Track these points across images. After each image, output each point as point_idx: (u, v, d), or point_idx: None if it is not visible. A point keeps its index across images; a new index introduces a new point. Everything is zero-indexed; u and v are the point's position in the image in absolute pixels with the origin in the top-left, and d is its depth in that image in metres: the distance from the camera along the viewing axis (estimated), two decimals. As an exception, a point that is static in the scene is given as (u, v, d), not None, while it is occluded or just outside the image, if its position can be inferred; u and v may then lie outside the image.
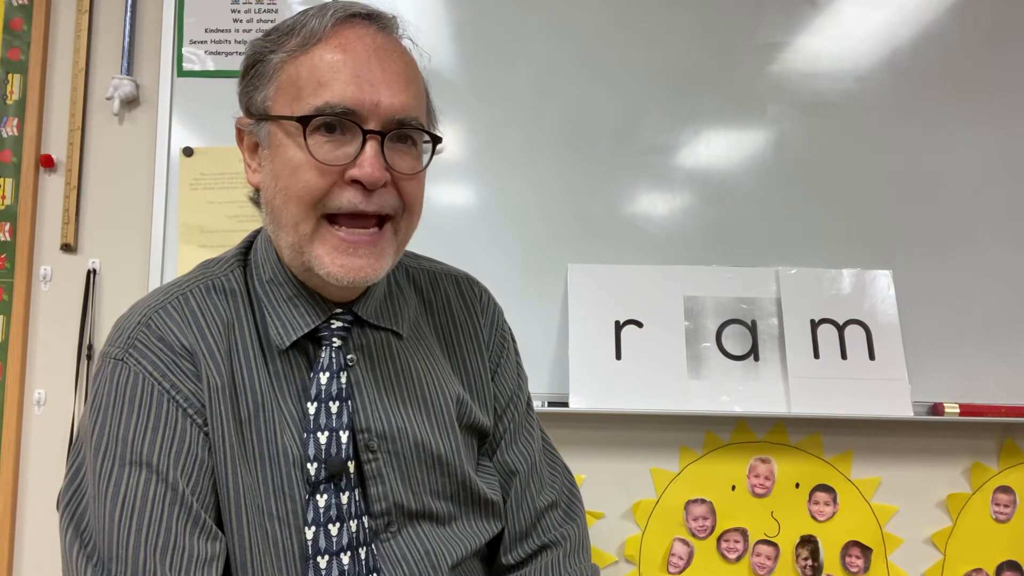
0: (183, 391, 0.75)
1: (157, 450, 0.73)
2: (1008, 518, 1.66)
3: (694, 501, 1.64)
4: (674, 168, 1.65)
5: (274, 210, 0.78)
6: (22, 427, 1.64)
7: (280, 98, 0.77)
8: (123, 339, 0.77)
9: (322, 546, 0.77)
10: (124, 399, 0.74)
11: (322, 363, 0.80)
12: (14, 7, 1.71)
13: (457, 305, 0.95)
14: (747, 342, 1.57)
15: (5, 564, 1.60)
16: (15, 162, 1.68)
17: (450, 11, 1.67)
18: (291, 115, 0.75)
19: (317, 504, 0.77)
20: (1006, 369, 1.60)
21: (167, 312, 0.78)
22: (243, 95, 0.82)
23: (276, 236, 0.80)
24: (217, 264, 0.85)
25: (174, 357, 0.76)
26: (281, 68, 0.77)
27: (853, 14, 1.68)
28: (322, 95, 0.74)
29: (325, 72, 0.75)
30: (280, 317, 0.81)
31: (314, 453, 0.78)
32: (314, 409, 0.79)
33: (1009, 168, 1.66)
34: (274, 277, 0.82)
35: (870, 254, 1.63)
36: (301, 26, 0.77)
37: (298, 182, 0.75)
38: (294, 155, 0.75)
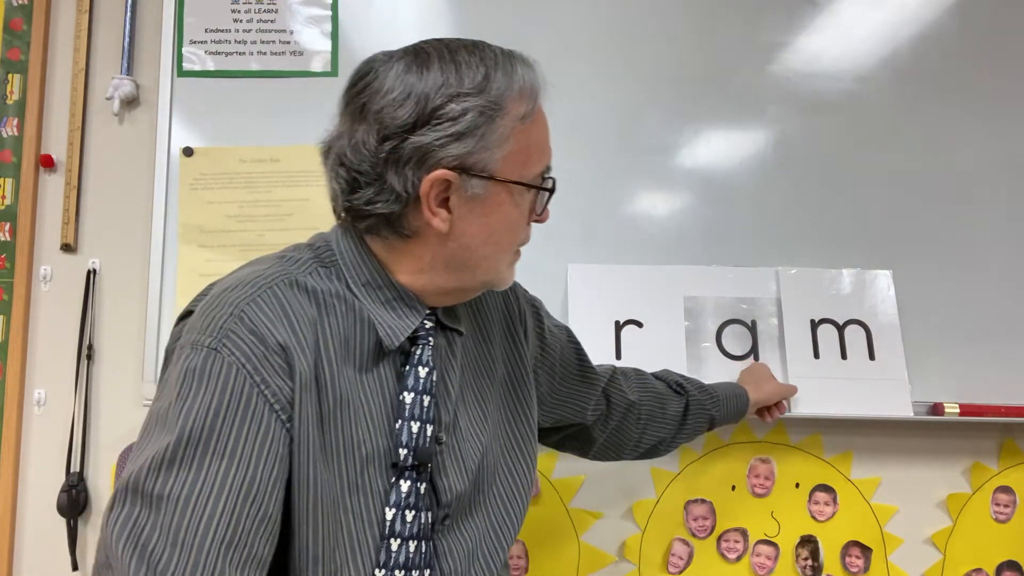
0: (272, 386, 0.76)
1: (242, 443, 0.73)
2: (1008, 518, 1.66)
3: (694, 501, 1.64)
4: (674, 168, 1.65)
5: (477, 256, 0.86)
6: (22, 427, 1.64)
7: (511, 161, 0.84)
8: (216, 328, 0.76)
9: (397, 529, 0.81)
10: (216, 388, 0.74)
11: (420, 359, 0.87)
12: (14, 7, 1.71)
13: (497, 312, 1.03)
14: (747, 342, 1.57)
15: (5, 564, 1.60)
16: (15, 162, 1.68)
17: (450, 11, 1.67)
18: (532, 183, 0.86)
19: (400, 489, 0.82)
20: (1006, 369, 1.60)
21: (258, 305, 0.78)
22: (446, 148, 0.81)
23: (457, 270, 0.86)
24: (295, 263, 0.85)
25: (266, 351, 0.76)
26: (513, 133, 0.83)
27: (853, 14, 1.68)
28: (543, 161, 0.88)
29: (543, 142, 0.88)
30: (384, 319, 0.85)
31: (406, 440, 0.83)
32: (410, 400, 0.84)
33: (1009, 168, 1.66)
34: (371, 281, 0.86)
35: (870, 254, 1.63)
36: (520, 89, 0.83)
37: (515, 237, 0.88)
38: (513, 212, 0.86)
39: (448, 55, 0.82)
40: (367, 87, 0.83)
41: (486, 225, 0.84)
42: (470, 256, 0.85)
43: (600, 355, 1.55)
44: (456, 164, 0.81)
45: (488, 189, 0.83)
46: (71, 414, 1.63)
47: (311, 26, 1.65)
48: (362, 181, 0.82)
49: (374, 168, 0.81)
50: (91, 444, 1.63)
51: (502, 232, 0.86)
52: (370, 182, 0.82)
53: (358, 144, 0.82)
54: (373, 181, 0.82)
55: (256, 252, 1.58)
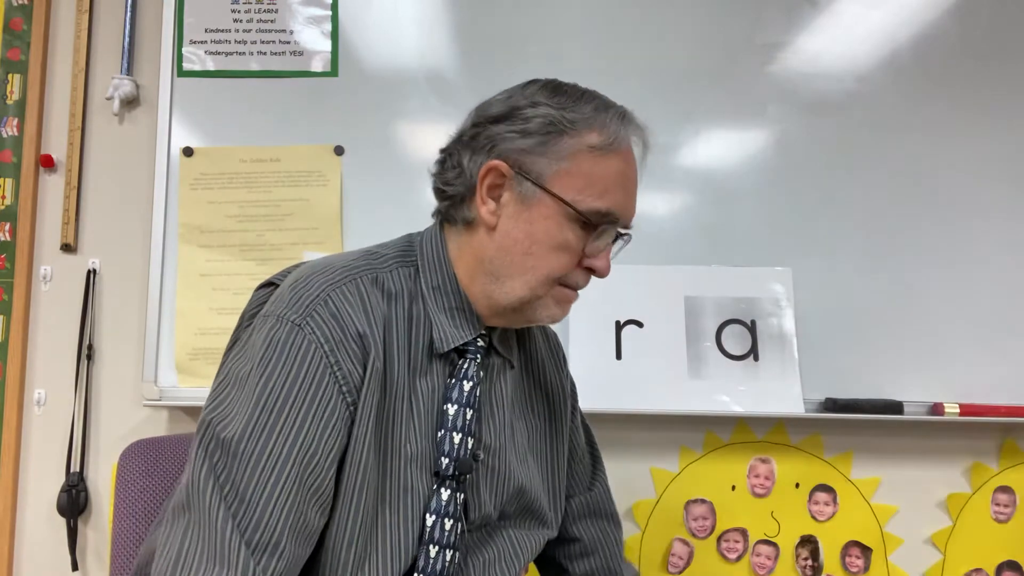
0: (344, 369, 0.80)
1: (311, 418, 0.77)
2: (1008, 518, 1.66)
3: (694, 501, 1.64)
4: (674, 168, 1.65)
5: (512, 262, 0.86)
6: (22, 427, 1.64)
7: (566, 179, 0.85)
8: (302, 306, 0.81)
9: (436, 536, 0.84)
10: (295, 362, 0.78)
11: (466, 372, 0.89)
12: (14, 7, 1.71)
13: (543, 352, 1.06)
14: (747, 342, 1.57)
15: (5, 564, 1.60)
16: (15, 162, 1.68)
17: (450, 11, 1.67)
18: (582, 207, 0.84)
19: (441, 496, 0.85)
20: (1006, 369, 1.60)
21: (343, 293, 0.83)
22: (511, 141, 0.86)
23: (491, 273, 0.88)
24: (380, 259, 0.89)
25: (344, 337, 0.80)
26: (576, 155, 0.85)
27: (853, 14, 1.68)
28: (606, 200, 0.86)
29: (613, 180, 0.86)
30: (442, 324, 0.88)
31: (447, 449, 0.86)
32: (453, 411, 0.87)
33: (1009, 168, 1.66)
34: (441, 285, 0.89)
35: (870, 254, 1.63)
36: (603, 126, 0.86)
37: (554, 261, 0.86)
38: (557, 233, 0.85)
39: (563, 86, 0.90)
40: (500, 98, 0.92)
41: (528, 232, 0.86)
42: (506, 260, 0.87)
43: (600, 355, 1.56)
44: (513, 159, 0.85)
45: (538, 196, 0.85)
46: (71, 414, 1.63)
47: (311, 26, 1.65)
48: (448, 162, 0.90)
49: (459, 149, 0.89)
50: (91, 444, 1.63)
51: (542, 246, 0.86)
52: (454, 165, 0.89)
53: (459, 132, 0.92)
54: (456, 163, 0.89)
55: (256, 252, 1.60)
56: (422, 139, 1.65)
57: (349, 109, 1.64)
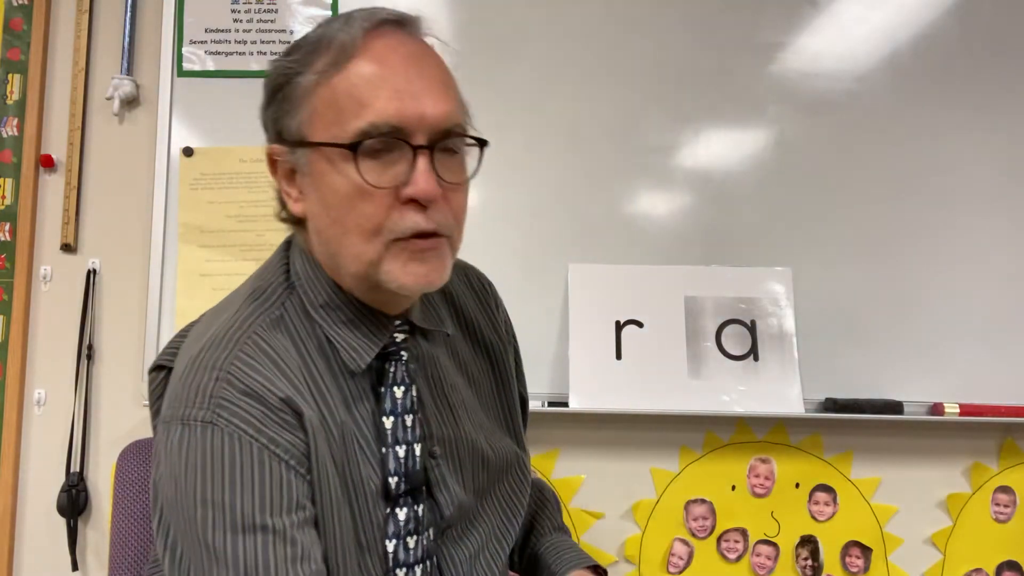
0: (281, 443, 0.70)
1: (269, 510, 0.68)
2: (1008, 518, 1.66)
3: (694, 501, 1.64)
4: (674, 168, 1.65)
5: (330, 242, 0.75)
6: (22, 427, 1.64)
7: (318, 123, 0.73)
8: (205, 399, 0.70)
9: (401, 558, 0.77)
10: (224, 463, 0.68)
11: (394, 378, 0.79)
12: (14, 7, 1.71)
13: (473, 305, 0.95)
14: (747, 342, 1.57)
15: (5, 564, 1.60)
16: (15, 162, 1.68)
17: (450, 11, 1.67)
18: (336, 142, 0.71)
19: (397, 518, 0.77)
20: (1006, 369, 1.60)
21: (243, 361, 0.72)
22: (271, 120, 0.77)
23: (333, 263, 0.77)
24: (264, 297, 0.79)
25: (266, 410, 0.71)
26: (314, 90, 0.73)
27: (853, 14, 1.68)
28: (365, 116, 0.70)
29: (364, 90, 0.71)
30: (347, 341, 0.77)
31: (394, 467, 0.77)
32: (391, 424, 0.78)
33: (1009, 167, 1.66)
34: (329, 301, 0.78)
35: (870, 254, 1.63)
36: (328, 41, 0.73)
37: (355, 214, 0.72)
38: (342, 183, 0.71)
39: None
40: None
41: (322, 201, 0.73)
42: (328, 244, 0.75)
43: (600, 355, 1.56)
44: (274, 134, 0.76)
45: (312, 160, 0.73)
46: (71, 414, 1.63)
47: (311, 26, 1.64)
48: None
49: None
50: (91, 444, 1.63)
51: (338, 207, 0.72)
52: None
53: None
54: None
55: (256, 252, 1.59)
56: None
57: (349, 109, 1.63)
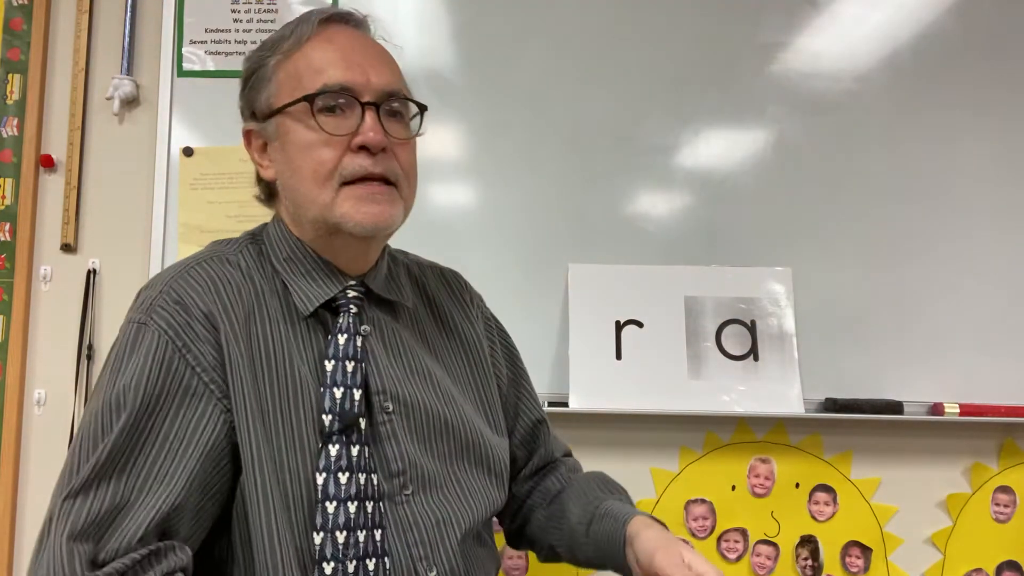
0: (193, 351, 0.81)
1: (163, 404, 0.79)
2: (1008, 518, 1.66)
3: (694, 501, 1.64)
4: (674, 168, 1.65)
5: (293, 191, 0.88)
6: (22, 427, 1.64)
7: (283, 92, 0.87)
8: (144, 306, 0.83)
9: (331, 492, 0.82)
10: (141, 356, 0.79)
11: (340, 326, 0.88)
12: (14, 7, 1.71)
13: (447, 298, 1.04)
14: (747, 342, 1.57)
15: (5, 564, 1.60)
16: (15, 162, 1.68)
17: (450, 11, 1.67)
18: (302, 94, 0.85)
19: (329, 453, 0.83)
20: (1006, 369, 1.60)
21: (185, 279, 0.85)
22: (246, 103, 0.92)
23: (297, 216, 0.89)
24: (227, 244, 0.93)
25: (189, 319, 0.82)
26: (279, 67, 0.88)
27: (853, 14, 1.68)
28: (320, 79, 0.85)
29: (319, 61, 0.87)
30: (301, 287, 0.89)
31: (329, 406, 0.84)
32: (331, 367, 0.86)
33: (1009, 168, 1.66)
34: (292, 255, 0.90)
35: (870, 254, 1.63)
36: (290, 32, 0.89)
37: (312, 159, 0.85)
38: (304, 135, 0.86)
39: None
40: None
41: (287, 158, 0.88)
42: (292, 194, 0.88)
43: (600, 355, 1.56)
44: (249, 114, 0.91)
45: (278, 125, 0.88)
46: (71, 414, 1.63)
47: (311, 26, 1.65)
48: None
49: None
50: (91, 444, 1.63)
51: (299, 157, 0.86)
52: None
53: None
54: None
55: (256, 252, 1.59)
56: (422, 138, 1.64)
57: (349, 109, 1.64)
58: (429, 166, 1.65)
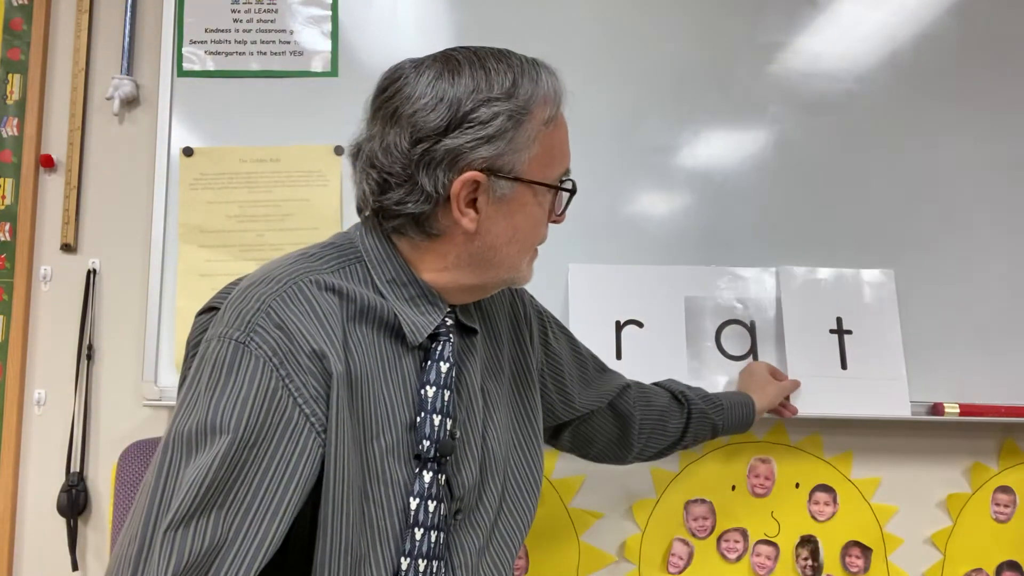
0: (296, 381, 0.78)
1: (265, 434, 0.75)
2: (1008, 518, 1.66)
3: (694, 501, 1.64)
4: (674, 168, 1.65)
5: (498, 252, 0.89)
6: (22, 427, 1.64)
7: (535, 164, 0.87)
8: (244, 323, 0.78)
9: (421, 519, 0.84)
10: (244, 381, 0.76)
11: (442, 354, 0.89)
12: (14, 7, 1.71)
13: (500, 306, 1.06)
14: (746, 342, 1.57)
15: (5, 564, 1.60)
16: (15, 162, 1.68)
17: (450, 11, 1.67)
18: (551, 180, 0.90)
19: (423, 479, 0.85)
20: (1006, 369, 1.60)
21: (285, 302, 0.80)
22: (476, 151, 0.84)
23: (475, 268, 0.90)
24: (320, 260, 0.88)
25: (291, 347, 0.78)
26: (538, 137, 0.87)
27: (853, 14, 1.68)
28: (564, 163, 0.92)
29: (564, 146, 0.92)
30: (408, 316, 0.88)
31: (428, 432, 0.86)
32: (432, 393, 0.87)
33: (1009, 168, 1.66)
34: (396, 278, 0.89)
35: (870, 254, 1.63)
36: (545, 96, 0.88)
37: (539, 236, 0.93)
38: (539, 213, 0.90)
39: (477, 62, 0.86)
40: (398, 92, 0.86)
41: (511, 225, 0.88)
42: (495, 255, 0.89)
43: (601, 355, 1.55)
44: (486, 166, 0.85)
45: (515, 190, 0.87)
46: (71, 414, 1.63)
47: (311, 26, 1.65)
48: (393, 182, 0.86)
49: (405, 170, 0.85)
50: (91, 444, 1.63)
51: (526, 231, 0.90)
52: (401, 183, 0.85)
53: (390, 147, 0.85)
54: (404, 182, 0.85)
55: (256, 252, 1.59)
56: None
57: (349, 109, 1.60)
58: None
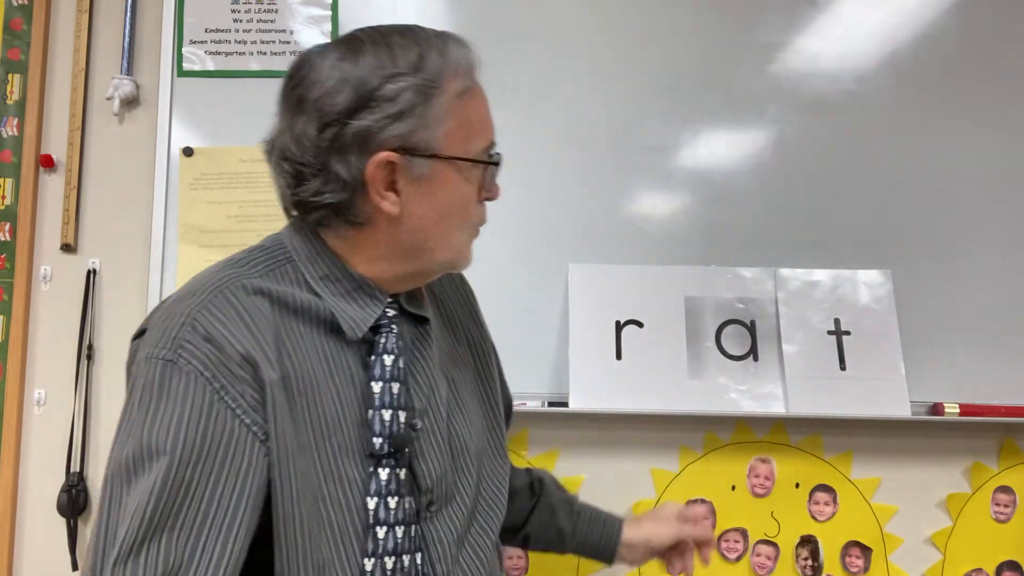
0: (231, 392, 0.76)
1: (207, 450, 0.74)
2: (1008, 518, 1.66)
3: (694, 501, 1.64)
4: (674, 168, 1.65)
5: (428, 240, 0.85)
6: (22, 427, 1.64)
7: (452, 138, 0.83)
8: (169, 340, 0.77)
9: (382, 517, 0.82)
10: (177, 400, 0.74)
11: (385, 347, 0.86)
12: (14, 7, 1.71)
13: (452, 295, 1.03)
14: (746, 342, 1.57)
15: (5, 564, 1.60)
16: (15, 162, 1.68)
17: (450, 11, 1.67)
18: (477, 158, 0.85)
19: (379, 477, 0.82)
20: (1006, 369, 1.60)
21: (210, 312, 0.78)
22: (387, 130, 0.81)
23: (407, 254, 0.85)
24: (247, 265, 0.85)
25: (223, 358, 0.76)
26: (451, 110, 0.83)
27: (853, 14, 1.68)
28: (486, 137, 0.87)
29: (482, 115, 0.87)
30: (345, 311, 0.84)
31: (379, 429, 0.83)
32: (379, 388, 0.84)
33: (1009, 168, 1.66)
34: (329, 273, 0.85)
35: (870, 254, 1.63)
36: (455, 67, 0.84)
37: (467, 214, 0.87)
38: (465, 190, 0.85)
39: (381, 39, 0.83)
40: (303, 79, 0.83)
41: (435, 205, 0.84)
42: (425, 238, 0.85)
43: (600, 355, 1.55)
44: (398, 145, 0.81)
45: (433, 168, 0.83)
46: (71, 414, 1.63)
47: (311, 26, 1.65)
48: (307, 173, 0.82)
49: (317, 158, 0.81)
50: (91, 444, 1.63)
51: (454, 210, 0.85)
52: (315, 173, 0.82)
53: (300, 136, 0.82)
54: (318, 171, 0.81)
55: (256, 252, 1.59)
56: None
57: (349, 109, 1.63)
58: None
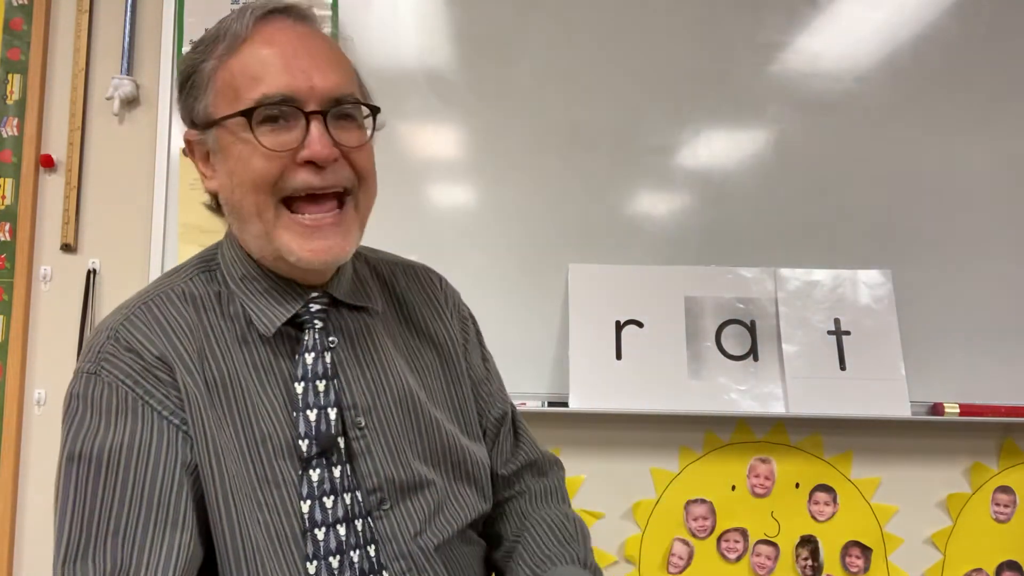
0: (156, 396, 0.77)
1: (135, 453, 0.75)
2: (1008, 518, 1.66)
3: (694, 501, 1.64)
4: (674, 168, 1.65)
5: (235, 206, 0.81)
6: (22, 427, 1.64)
7: (220, 102, 0.80)
8: (94, 354, 0.79)
9: (318, 518, 0.80)
10: (100, 409, 0.76)
11: (306, 345, 0.83)
12: (14, 7, 1.71)
13: (418, 296, 0.98)
14: (746, 342, 1.57)
15: (5, 564, 1.60)
16: (15, 162, 1.68)
17: (450, 11, 1.67)
18: (242, 107, 0.78)
19: (311, 478, 0.80)
20: (1006, 369, 1.60)
21: (132, 323, 0.80)
22: (184, 109, 0.85)
23: (243, 232, 0.83)
24: (175, 274, 0.87)
25: (144, 365, 0.78)
26: (214, 74, 0.81)
27: (853, 14, 1.68)
28: (258, 88, 0.77)
29: (256, 67, 0.78)
30: (260, 308, 0.83)
31: (304, 430, 0.81)
32: (301, 388, 0.82)
33: (1009, 168, 1.66)
34: (247, 273, 0.84)
35: (870, 254, 1.63)
36: (225, 31, 0.81)
37: (251, 171, 0.78)
38: (243, 149, 0.78)
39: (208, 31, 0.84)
40: None
41: (228, 171, 0.81)
42: (232, 209, 0.82)
43: (600, 355, 1.56)
44: (188, 122, 0.84)
45: (219, 136, 0.81)
46: (71, 414, 1.63)
47: (311, 26, 1.65)
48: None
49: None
50: (91, 444, 1.63)
51: (240, 172, 0.79)
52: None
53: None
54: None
55: (256, 252, 1.59)
56: (422, 139, 1.65)
57: (349, 109, 1.64)
58: (429, 166, 1.65)
